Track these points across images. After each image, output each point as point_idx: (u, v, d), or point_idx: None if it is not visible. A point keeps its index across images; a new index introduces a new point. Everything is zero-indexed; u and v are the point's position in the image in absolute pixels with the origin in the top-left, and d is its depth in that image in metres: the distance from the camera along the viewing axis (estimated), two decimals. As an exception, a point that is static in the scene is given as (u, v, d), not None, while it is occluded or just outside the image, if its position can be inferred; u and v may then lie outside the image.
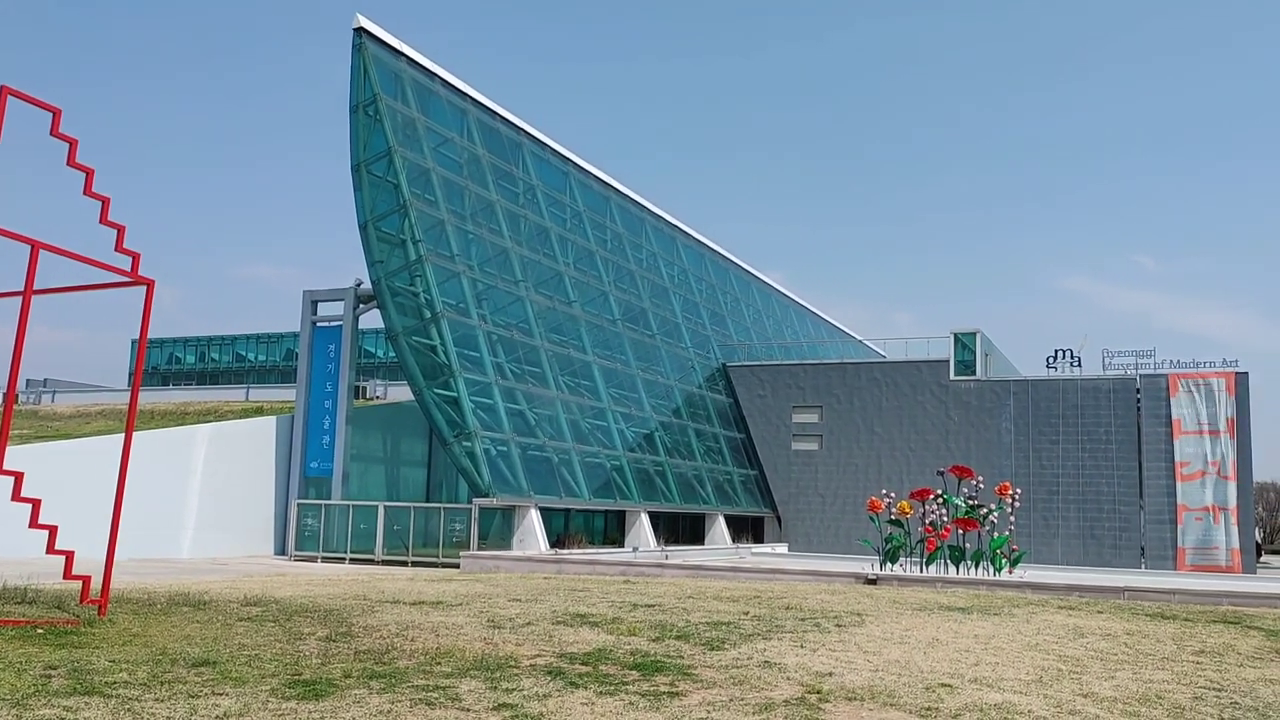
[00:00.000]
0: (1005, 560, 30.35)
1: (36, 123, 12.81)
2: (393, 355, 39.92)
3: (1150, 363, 47.18)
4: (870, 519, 31.67)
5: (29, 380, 62.93)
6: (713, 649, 12.08)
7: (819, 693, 9.51)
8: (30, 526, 12.74)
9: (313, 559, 33.09)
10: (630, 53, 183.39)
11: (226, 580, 20.99)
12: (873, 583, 24.94)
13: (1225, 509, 44.54)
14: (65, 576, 13.29)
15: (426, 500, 38.87)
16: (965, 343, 49.93)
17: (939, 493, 31.67)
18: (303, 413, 36.32)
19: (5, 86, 12.23)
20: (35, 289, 12.92)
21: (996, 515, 31.33)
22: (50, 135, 12.75)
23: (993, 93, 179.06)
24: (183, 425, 35.99)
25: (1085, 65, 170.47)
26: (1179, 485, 45.21)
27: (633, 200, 51.69)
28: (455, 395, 32.78)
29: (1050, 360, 49.21)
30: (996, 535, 30.82)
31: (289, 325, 69.40)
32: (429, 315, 33.70)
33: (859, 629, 14.62)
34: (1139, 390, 46.72)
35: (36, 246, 12.74)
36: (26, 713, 7.68)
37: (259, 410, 40.99)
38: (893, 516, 31.29)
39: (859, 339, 75.72)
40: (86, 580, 13.26)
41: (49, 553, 12.93)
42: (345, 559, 32.92)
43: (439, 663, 10.47)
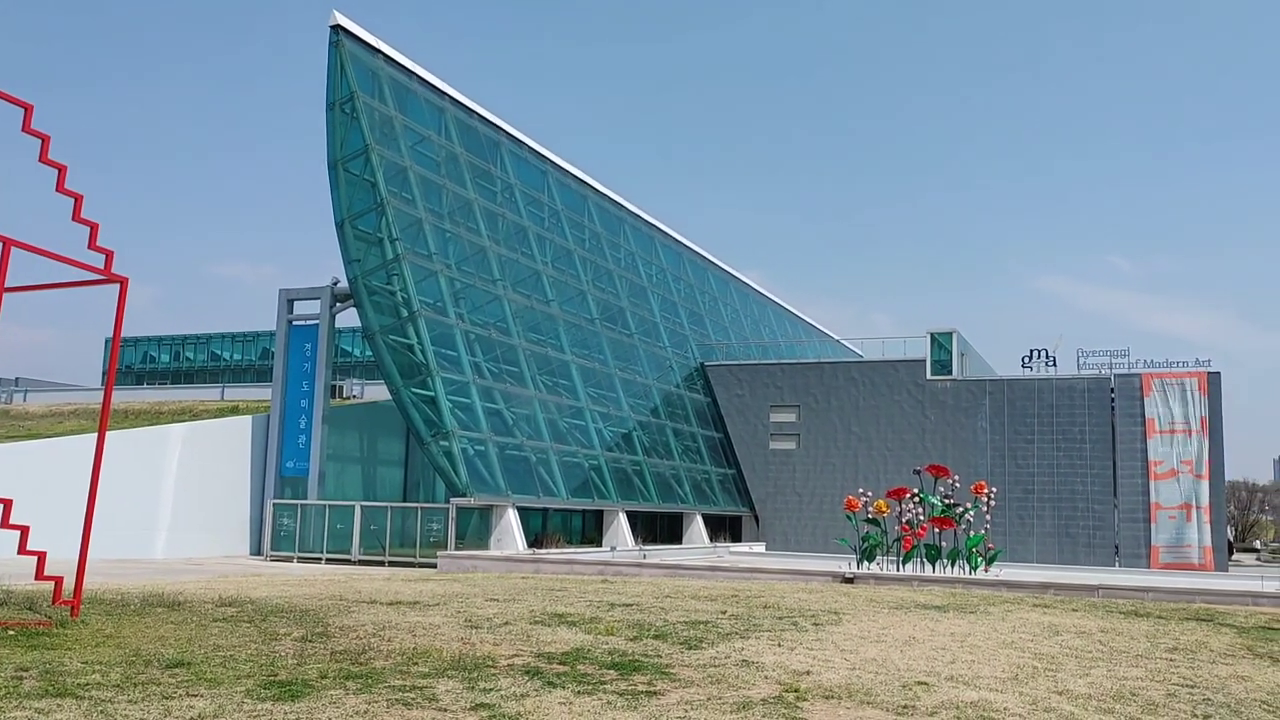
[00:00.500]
0: (981, 559, 30.54)
1: (8, 118, 12.67)
2: (370, 354, 39.65)
3: (1124, 363, 47.64)
4: (847, 518, 31.77)
5: (0, 379, 62.35)
6: (690, 648, 12.08)
7: (797, 691, 9.53)
8: (1, 527, 12.60)
9: (289, 559, 32.89)
10: (603, 37, 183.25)
11: (201, 581, 20.83)
12: (850, 581, 25.02)
13: (1198, 507, 45.00)
14: (37, 578, 13.15)
15: (403, 500, 38.70)
16: (942, 342, 50.19)
17: (915, 492, 31.83)
18: (279, 412, 36.08)
19: (-24, 82, 12.07)
20: (6, 287, 12.77)
21: (972, 514, 31.53)
22: (22, 131, 12.62)
23: (969, 93, 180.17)
24: (157, 425, 35.69)
25: (1062, 69, 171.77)
26: (1152, 484, 45.63)
27: (611, 199, 51.66)
28: (433, 395, 32.66)
29: (1026, 360, 49.64)
30: (972, 534, 31.01)
31: (265, 324, 68.82)
32: (406, 314, 33.57)
33: (836, 628, 14.67)
34: (1113, 390, 47.11)
35: (8, 244, 12.59)
36: (-3, 715, 7.60)
37: (234, 410, 40.68)
38: (870, 515, 31.42)
39: (836, 339, 75.99)
40: (59, 581, 13.13)
41: (21, 554, 12.79)
42: (322, 559, 32.74)
43: (416, 663, 10.42)
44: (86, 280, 13.89)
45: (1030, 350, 49.49)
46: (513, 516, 33.23)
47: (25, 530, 12.69)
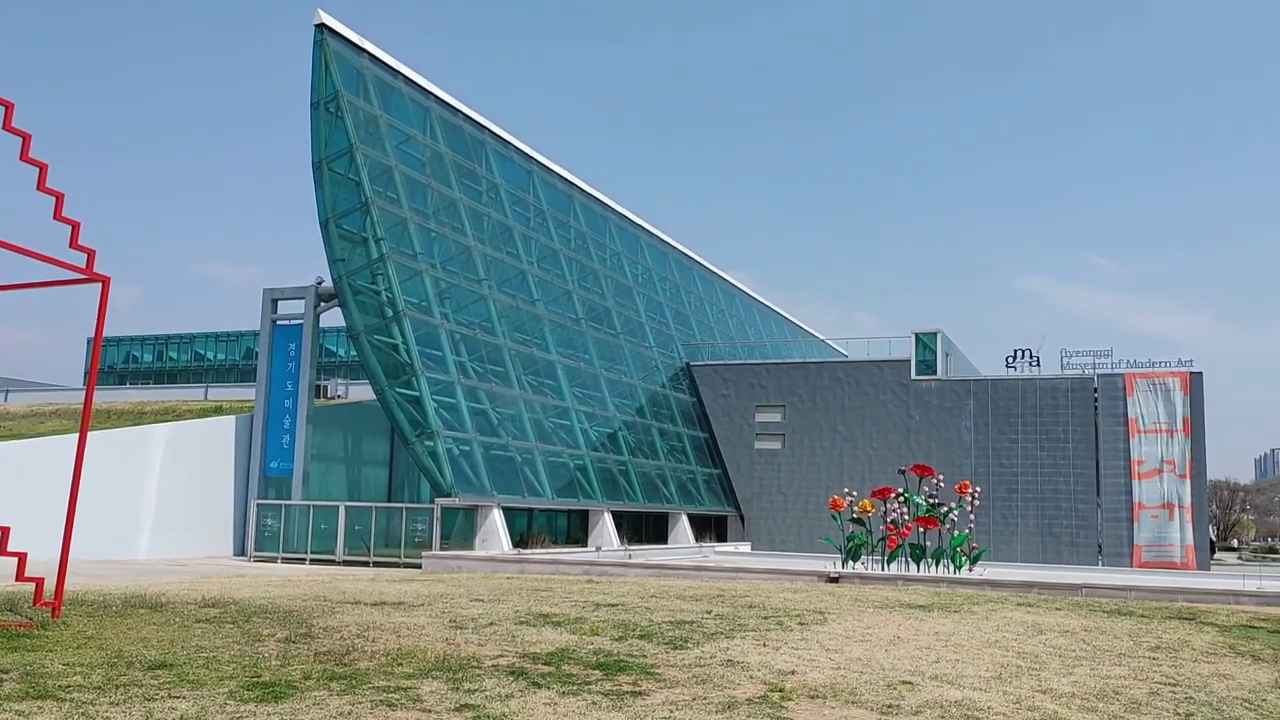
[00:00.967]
0: (965, 558, 30.63)
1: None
2: (354, 354, 39.52)
3: (1108, 363, 47.87)
4: (832, 517, 31.82)
5: (-19, 379, 61.82)
6: (676, 648, 12.08)
7: (782, 691, 9.54)
8: (-19, 528, 12.50)
9: (273, 560, 32.75)
10: (590, 37, 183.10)
11: (184, 581, 20.72)
12: (835, 581, 25.08)
13: (1180, 507, 45.27)
14: (18, 579, 13.06)
15: (388, 500, 38.60)
16: (926, 343, 50.34)
17: (900, 491, 31.90)
18: (262, 412, 35.94)
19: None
20: (-13, 286, 12.68)
21: (957, 514, 31.62)
22: (2, 129, 12.53)
23: (953, 97, 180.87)
24: (140, 425, 35.49)
25: (1048, 73, 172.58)
26: (1135, 483, 45.88)
27: (596, 199, 51.62)
28: (417, 394, 32.58)
29: (1010, 360, 49.78)
30: (957, 533, 31.10)
31: (249, 324, 68.52)
32: (391, 314, 33.48)
33: (821, 627, 14.69)
34: (1096, 390, 47.35)
35: (-12, 242, 12.50)
36: (-23, 718, 7.54)
37: (218, 410, 40.48)
38: (855, 515, 31.47)
39: (822, 339, 76.11)
40: (40, 583, 13.04)
41: (1, 555, 12.69)
42: (306, 560, 32.60)
43: (400, 664, 10.39)
44: (68, 279, 13.80)
45: (1014, 350, 49.68)
46: (498, 517, 33.18)
47: (6, 531, 12.61)
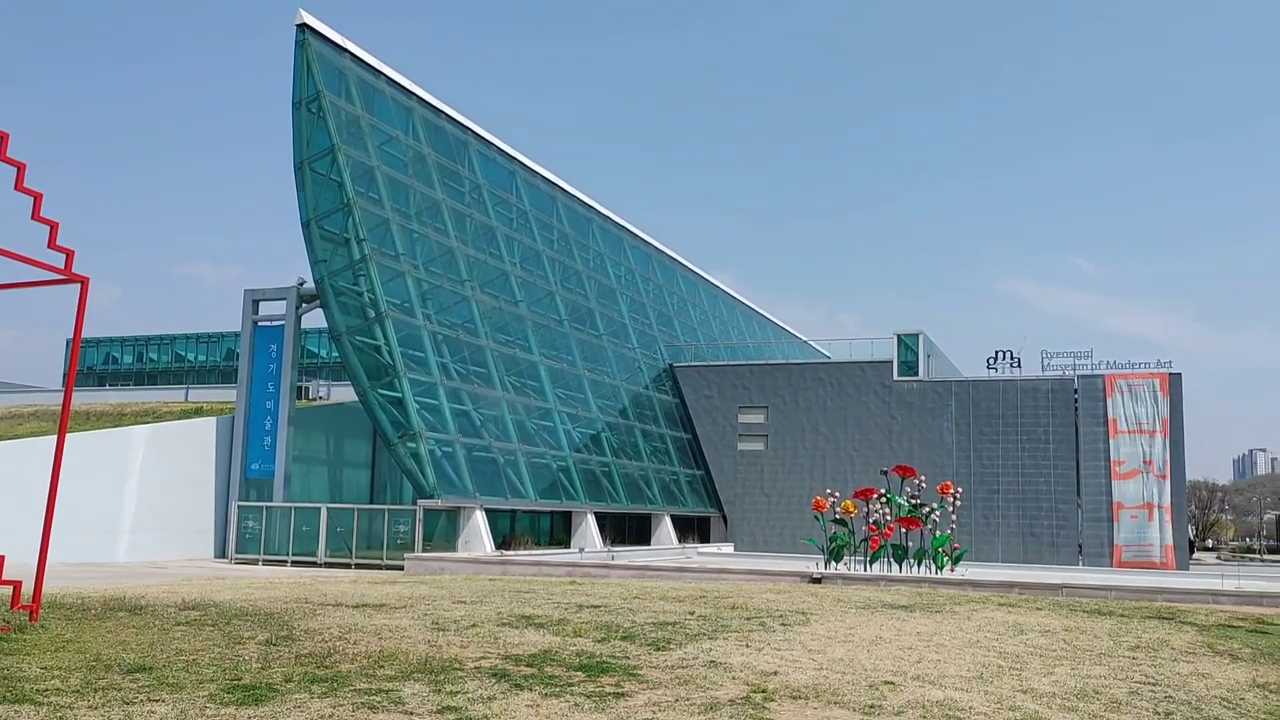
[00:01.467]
0: (947, 558, 30.77)
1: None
2: (336, 355, 39.34)
3: (1088, 364, 48.16)
4: (815, 518, 31.92)
5: (-42, 380, 61.28)
6: (658, 649, 12.08)
7: (764, 692, 9.55)
8: (-42, 531, 12.38)
9: (254, 562, 32.57)
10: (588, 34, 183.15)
11: (164, 584, 20.59)
12: (817, 582, 25.14)
13: (1160, 507, 45.57)
14: (-5, 582, 12.94)
15: (370, 502, 38.45)
16: (908, 344, 50.52)
17: (882, 492, 32.03)
18: (243, 414, 35.74)
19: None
20: (-36, 286, 12.57)
21: (938, 514, 31.76)
22: (-20, 128, 12.40)
23: (937, 99, 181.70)
24: (119, 426, 35.27)
25: (1030, 75, 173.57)
26: (1115, 484, 46.16)
27: (579, 200, 51.59)
28: (400, 396, 32.47)
29: (991, 361, 50.01)
30: (938, 534, 31.23)
31: (230, 325, 68.16)
32: (373, 315, 33.36)
33: (804, 628, 14.72)
34: (1077, 391, 47.63)
35: (-35, 243, 12.39)
36: (-47, 722, 7.46)
37: (198, 411, 40.28)
38: (837, 516, 31.58)
39: (804, 340, 76.32)
40: (18, 585, 12.92)
41: (-22, 557, 12.58)
42: (287, 562, 32.44)
43: (382, 666, 10.35)
44: (46, 280, 13.69)
45: (995, 352, 49.93)
46: (480, 518, 33.10)
47: (-17, 534, 12.48)
